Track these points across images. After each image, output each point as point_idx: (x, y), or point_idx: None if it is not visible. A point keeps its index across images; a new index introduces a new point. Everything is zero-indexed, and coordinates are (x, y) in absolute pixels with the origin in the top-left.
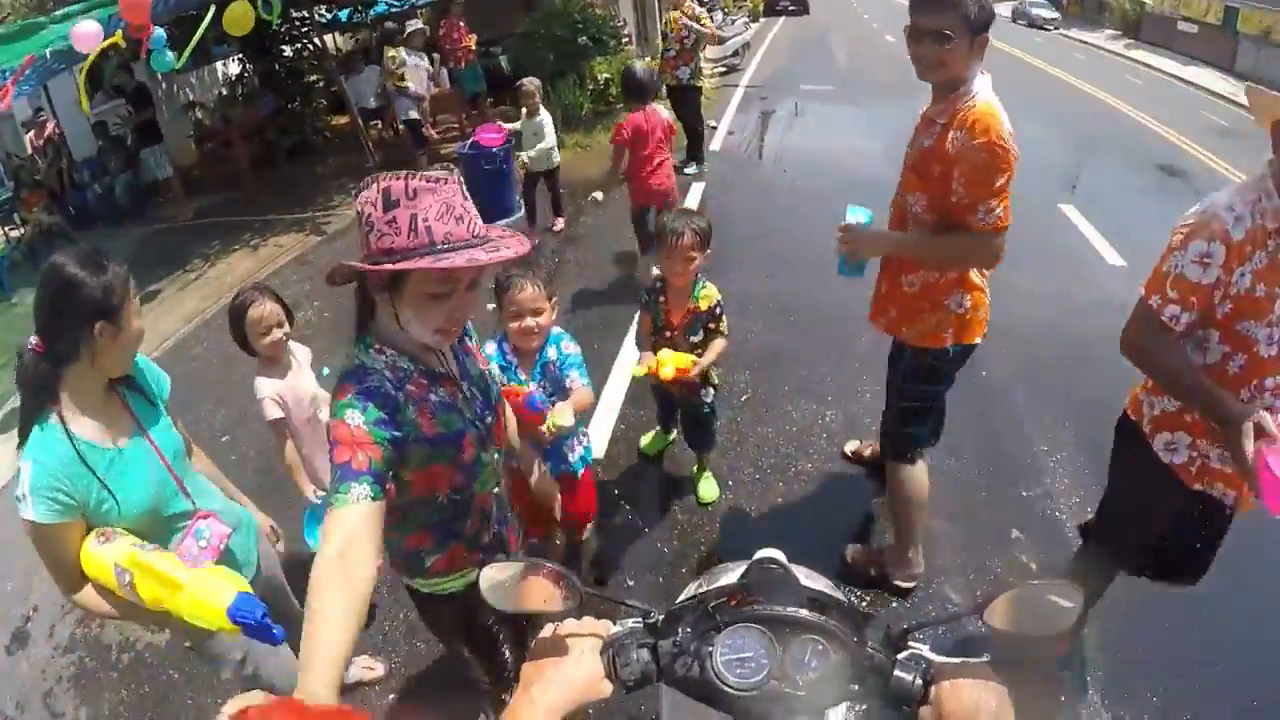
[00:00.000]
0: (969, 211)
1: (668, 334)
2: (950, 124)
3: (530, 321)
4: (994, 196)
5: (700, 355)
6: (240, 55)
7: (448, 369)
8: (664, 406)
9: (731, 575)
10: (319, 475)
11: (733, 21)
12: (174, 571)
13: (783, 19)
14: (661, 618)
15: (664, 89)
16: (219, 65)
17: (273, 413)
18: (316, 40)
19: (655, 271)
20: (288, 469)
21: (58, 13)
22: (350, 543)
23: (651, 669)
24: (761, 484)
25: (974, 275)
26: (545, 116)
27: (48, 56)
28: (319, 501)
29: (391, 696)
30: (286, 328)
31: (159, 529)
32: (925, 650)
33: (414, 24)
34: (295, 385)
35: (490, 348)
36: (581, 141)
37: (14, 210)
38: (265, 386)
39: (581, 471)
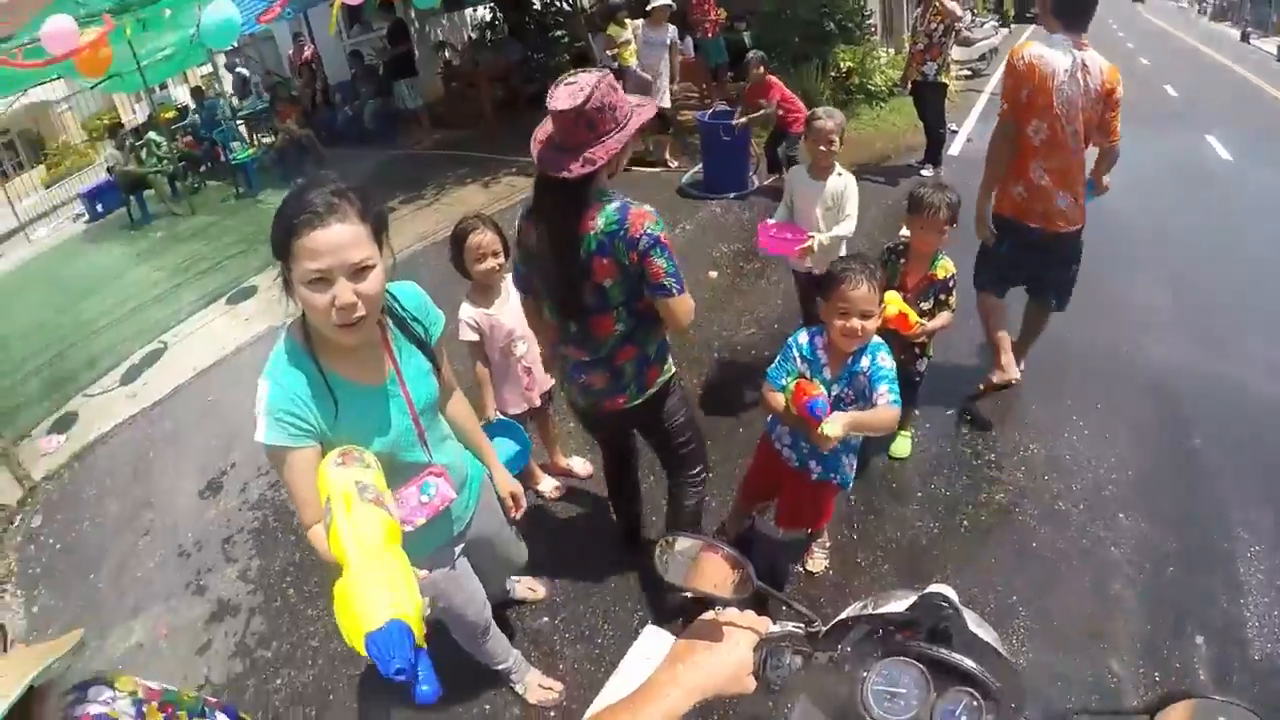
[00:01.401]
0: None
1: (903, 294)
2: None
3: (856, 323)
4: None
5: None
6: (492, 4)
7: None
8: None
9: (900, 604)
10: (502, 400)
11: (981, 24)
12: (349, 544)
13: (1034, 26)
14: (824, 629)
15: (908, 85)
16: (470, 11)
17: (466, 335)
18: None
19: (904, 231)
20: (477, 384)
21: None
22: None
23: (800, 677)
24: (950, 502)
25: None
26: (848, 181)
27: None
28: (495, 419)
29: (544, 619)
30: (502, 258)
31: (388, 474)
32: None
33: None
34: (498, 315)
35: (803, 336)
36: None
37: (269, 120)
38: (466, 310)
39: (849, 489)
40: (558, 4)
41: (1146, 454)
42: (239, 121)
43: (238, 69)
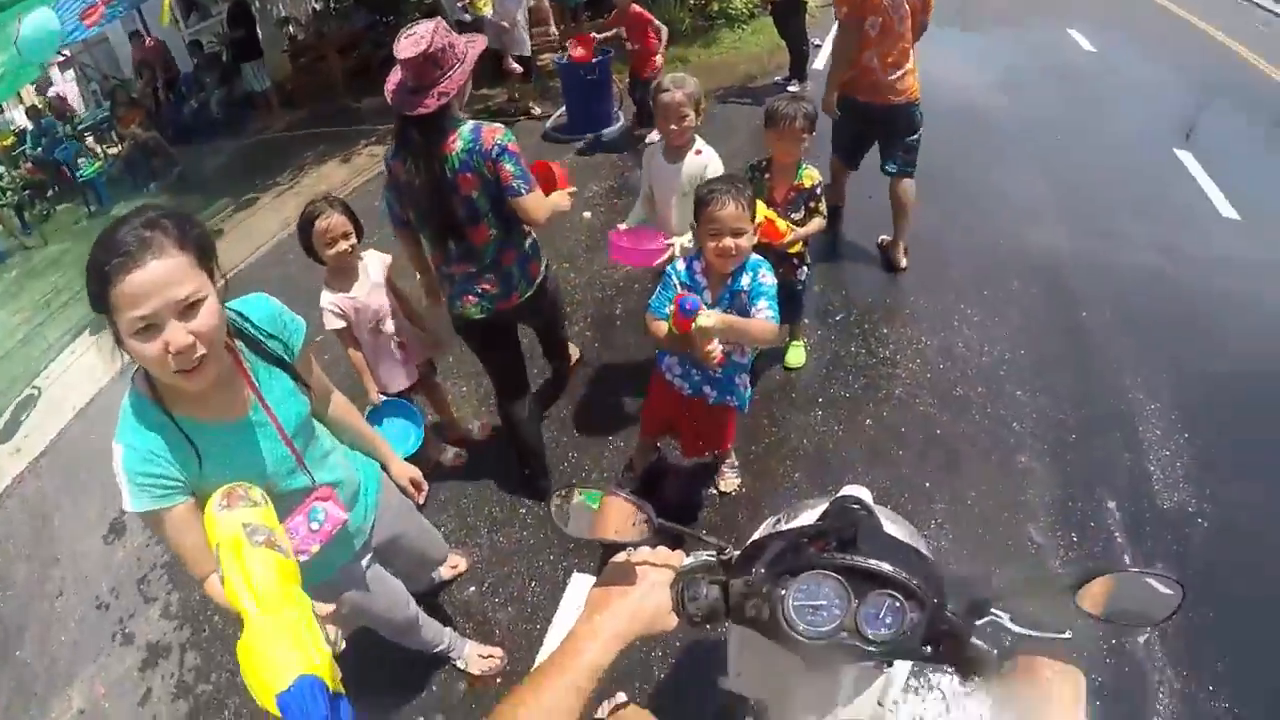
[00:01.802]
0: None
1: (772, 207)
2: None
3: (729, 242)
4: None
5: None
6: None
7: None
8: None
9: (811, 514)
10: (382, 381)
11: None
12: (245, 599)
13: None
14: (736, 555)
15: (768, 5)
16: None
17: (331, 323)
18: None
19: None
20: (355, 371)
21: None
22: None
23: (720, 606)
24: (851, 403)
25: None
26: (709, 159)
27: None
28: (380, 402)
29: (471, 589)
30: (354, 239)
31: (275, 503)
32: (1006, 620)
33: None
34: (360, 296)
35: (680, 264)
36: (682, 56)
37: (112, 128)
38: (327, 297)
39: (745, 409)
40: None
41: (1036, 332)
42: (84, 135)
43: (51, 90)
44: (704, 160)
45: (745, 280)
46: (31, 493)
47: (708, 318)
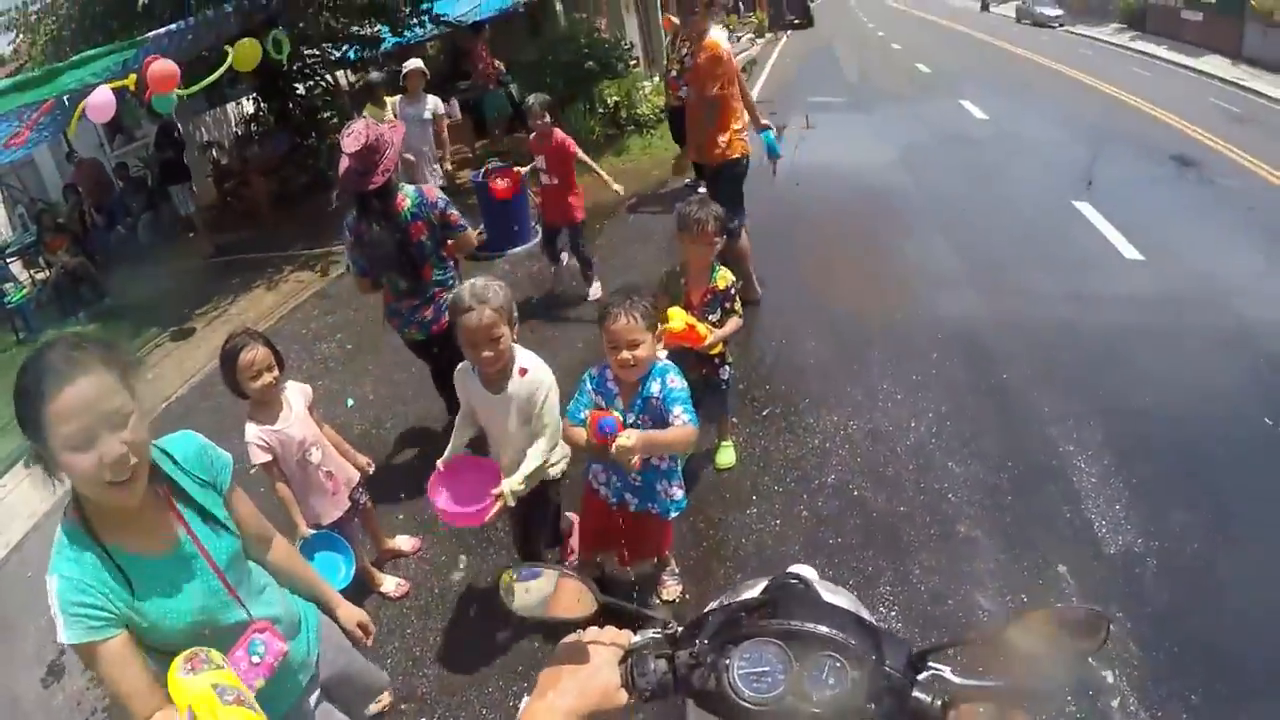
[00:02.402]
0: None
1: (689, 310)
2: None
3: (626, 354)
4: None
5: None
6: (254, 94)
7: None
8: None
9: (754, 589)
10: (313, 513)
11: (737, 39)
12: None
13: (788, 33)
14: (680, 629)
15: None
16: (233, 105)
17: (257, 457)
18: (329, 77)
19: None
20: (282, 503)
21: (75, 58)
22: None
23: (669, 680)
24: (786, 497)
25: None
26: (539, 379)
27: (65, 103)
28: (310, 536)
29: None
30: (277, 372)
31: (209, 642)
32: (946, 672)
33: (411, 63)
34: (284, 429)
35: (593, 370)
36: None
37: (39, 254)
38: (252, 430)
39: (670, 517)
40: (320, 85)
41: (960, 401)
42: (9, 259)
43: None
44: (534, 380)
45: (655, 387)
46: None
47: (627, 438)
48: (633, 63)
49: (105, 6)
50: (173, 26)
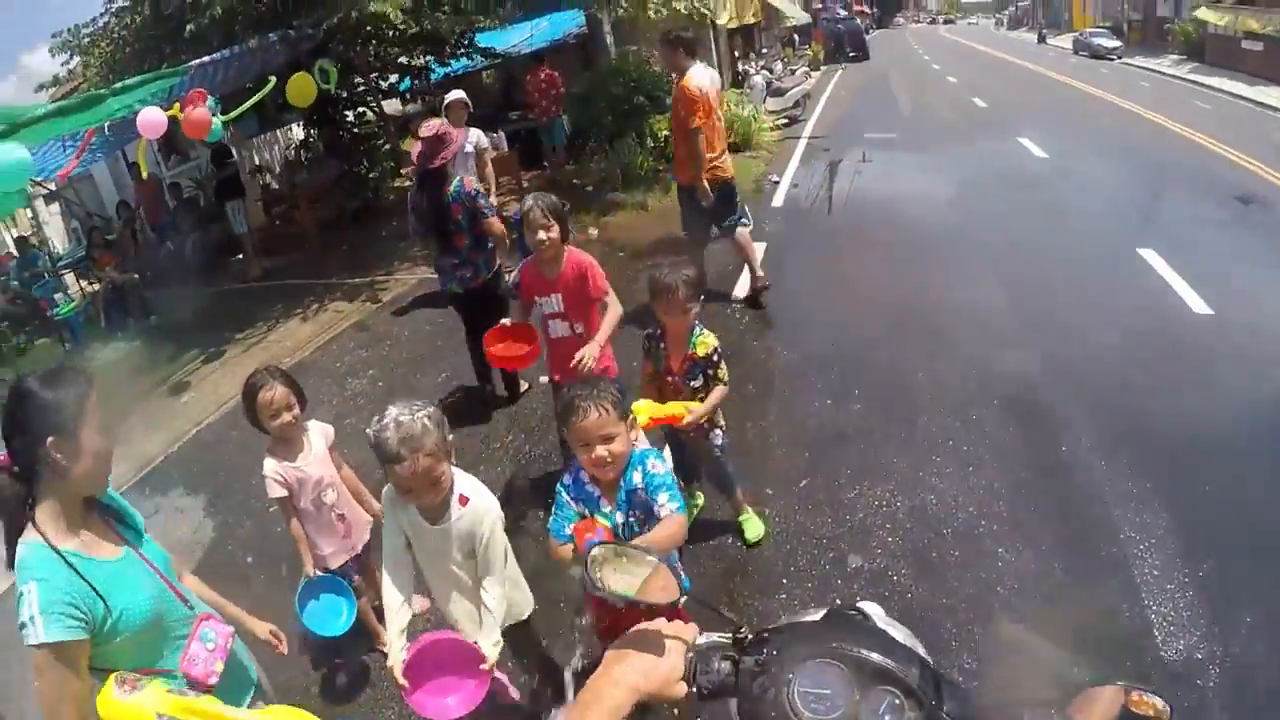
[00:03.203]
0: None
1: (669, 378)
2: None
3: (601, 451)
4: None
5: (702, 399)
6: (304, 121)
7: None
8: (677, 453)
9: (831, 616)
10: (320, 555)
11: (792, 72)
12: (233, 712)
13: (844, 66)
14: (751, 636)
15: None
16: (283, 131)
17: (274, 491)
18: (377, 107)
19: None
20: (295, 541)
21: (118, 85)
22: None
23: (730, 682)
24: (820, 582)
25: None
26: (484, 510)
27: (106, 130)
28: (315, 577)
29: None
30: (297, 410)
31: (162, 640)
32: None
33: (453, 95)
34: (302, 467)
35: (566, 478)
36: (639, 201)
37: (89, 269)
38: (270, 465)
39: (681, 604)
40: (370, 113)
41: (1013, 476)
42: (62, 271)
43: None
44: (478, 508)
45: (637, 477)
46: None
47: None
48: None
49: (158, 31)
50: (219, 55)
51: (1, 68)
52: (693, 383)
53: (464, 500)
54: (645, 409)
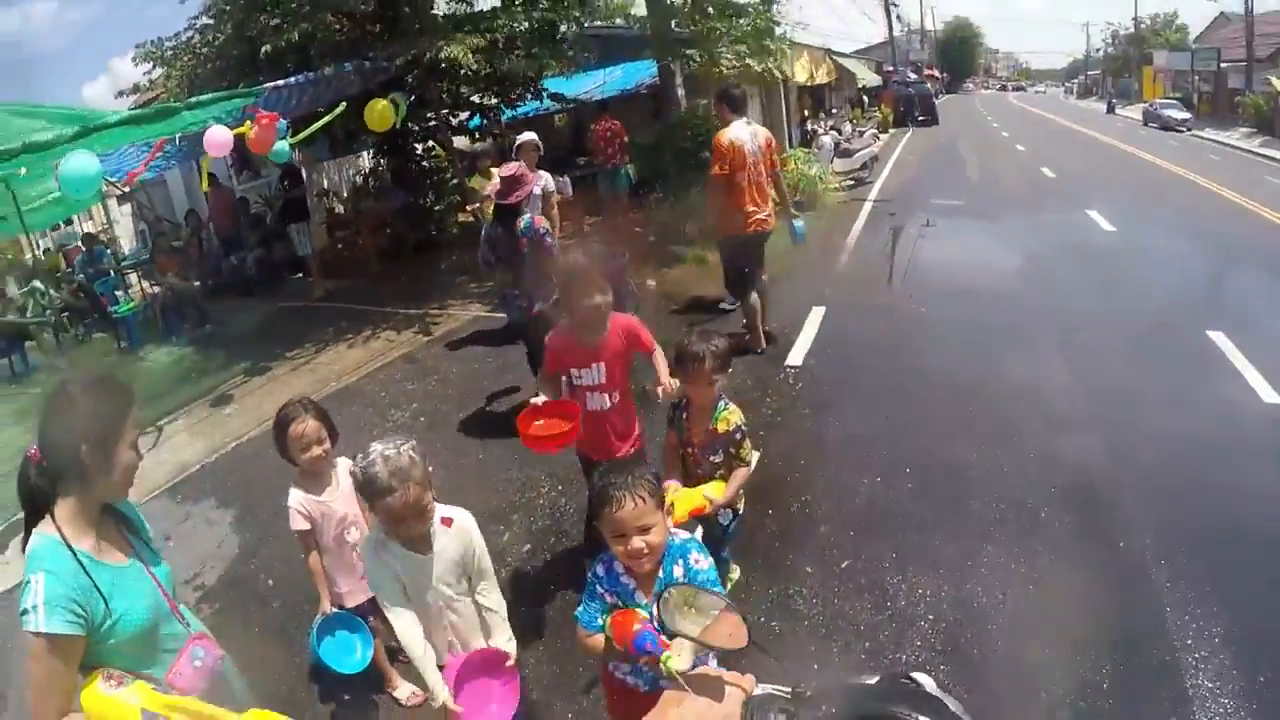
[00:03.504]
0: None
1: (689, 449)
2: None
3: (638, 543)
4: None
5: (723, 476)
6: (374, 150)
7: None
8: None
9: (884, 682)
10: (338, 592)
11: (860, 134)
12: (213, 710)
13: (912, 130)
14: (810, 692)
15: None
16: (353, 158)
17: (297, 524)
18: (446, 142)
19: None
20: (312, 575)
21: (192, 99)
22: None
23: None
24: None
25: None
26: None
27: (177, 141)
28: (331, 614)
29: None
30: (328, 444)
31: (153, 651)
32: None
33: (525, 137)
34: (328, 502)
35: (600, 568)
36: (699, 255)
37: (152, 271)
38: (295, 496)
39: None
40: (437, 148)
41: (1066, 573)
42: (132, 271)
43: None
44: (462, 525)
45: (678, 571)
46: (6, 625)
47: (679, 658)
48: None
49: (237, 51)
50: (294, 79)
51: (94, 69)
52: (712, 458)
53: (447, 522)
54: (683, 501)
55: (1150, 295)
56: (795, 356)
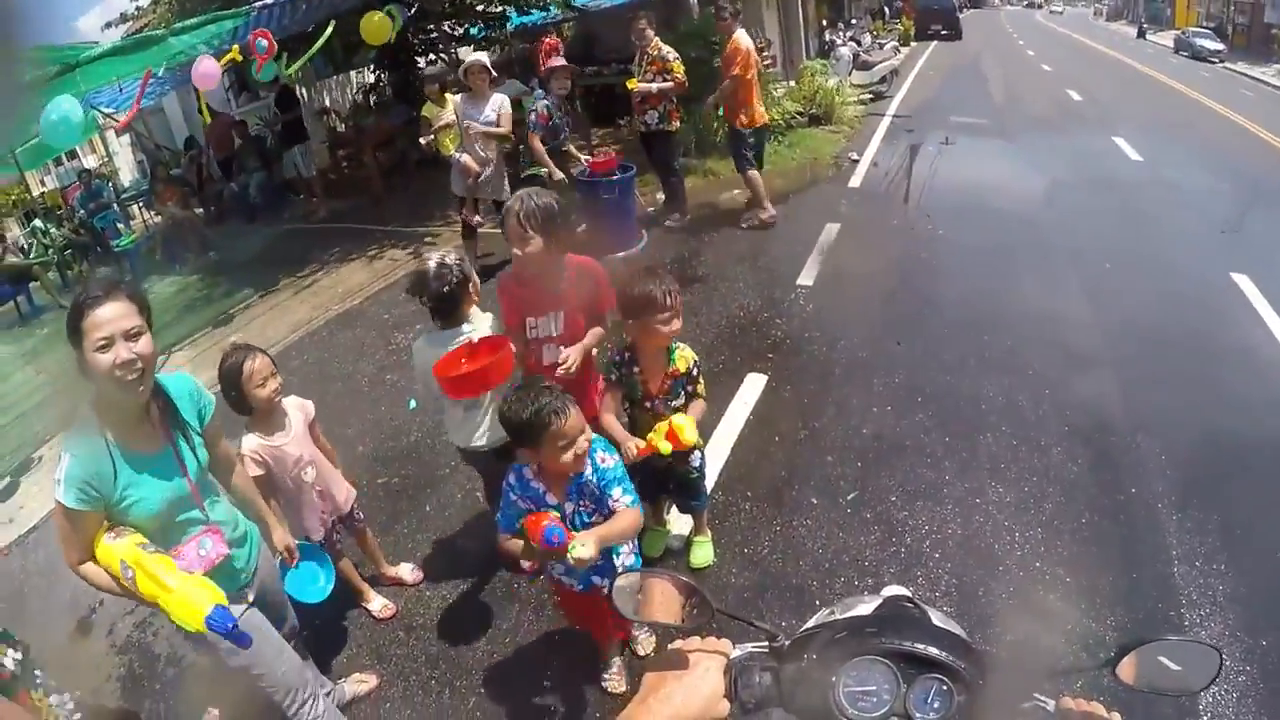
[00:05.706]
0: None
1: (647, 404)
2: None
3: (584, 443)
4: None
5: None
6: (374, 65)
7: None
8: (648, 478)
9: (863, 608)
10: (302, 526)
11: (881, 46)
12: (165, 576)
13: (934, 44)
14: (788, 643)
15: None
16: (354, 74)
17: (251, 470)
18: (450, 53)
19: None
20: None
21: (176, 25)
22: None
23: (774, 693)
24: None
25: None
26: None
27: (161, 73)
28: (294, 545)
29: (386, 705)
30: (280, 380)
31: (170, 531)
32: (1049, 705)
33: (474, 58)
34: (283, 445)
35: (511, 478)
36: (712, 168)
37: (152, 203)
38: (250, 442)
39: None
40: (441, 60)
41: (1075, 515)
42: (133, 203)
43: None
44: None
45: (587, 470)
46: (16, 570)
47: (583, 547)
48: (767, 62)
49: None
50: None
51: (86, 2)
52: (674, 402)
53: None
54: (684, 424)
55: (1176, 231)
56: (806, 277)
